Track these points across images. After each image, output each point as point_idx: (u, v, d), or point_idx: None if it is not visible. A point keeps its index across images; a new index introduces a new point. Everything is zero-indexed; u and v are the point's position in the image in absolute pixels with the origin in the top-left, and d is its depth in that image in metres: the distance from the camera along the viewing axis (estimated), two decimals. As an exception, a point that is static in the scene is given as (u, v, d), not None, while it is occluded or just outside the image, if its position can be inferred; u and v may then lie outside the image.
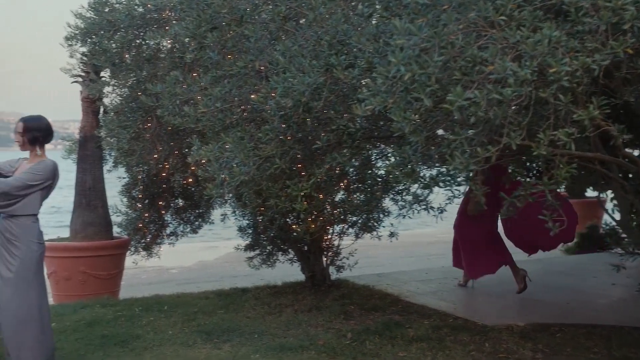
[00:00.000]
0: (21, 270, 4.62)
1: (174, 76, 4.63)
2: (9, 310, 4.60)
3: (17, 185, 4.55)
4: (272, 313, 6.78)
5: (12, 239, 4.62)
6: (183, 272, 10.50)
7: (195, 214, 8.77)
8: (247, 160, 4.05)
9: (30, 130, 4.73)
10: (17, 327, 4.60)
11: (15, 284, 4.60)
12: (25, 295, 4.63)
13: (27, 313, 4.64)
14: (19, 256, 4.62)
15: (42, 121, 4.81)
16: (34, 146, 4.75)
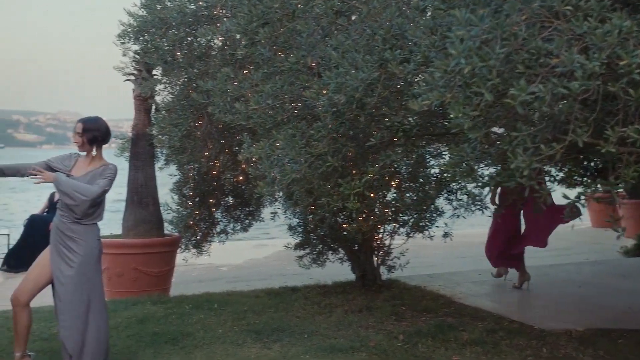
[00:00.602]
0: (82, 267, 4.65)
1: (225, 73, 4.57)
2: (70, 306, 4.63)
3: (100, 192, 4.64)
4: (322, 313, 6.70)
5: (74, 237, 4.65)
6: (233, 270, 10.51)
7: (246, 212, 8.76)
8: (299, 158, 3.96)
9: (89, 131, 4.76)
10: (77, 324, 4.63)
11: (75, 280, 4.63)
12: (84, 291, 4.66)
13: (87, 310, 4.66)
14: (80, 253, 4.65)
15: (100, 122, 4.84)
16: (92, 146, 4.78)
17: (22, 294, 4.73)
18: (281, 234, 18.17)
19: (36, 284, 4.74)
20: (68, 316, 4.65)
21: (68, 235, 4.66)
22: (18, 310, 4.74)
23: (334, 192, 4.35)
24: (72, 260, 4.65)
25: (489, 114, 3.20)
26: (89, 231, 4.70)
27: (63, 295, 4.66)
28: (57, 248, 4.70)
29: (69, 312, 4.64)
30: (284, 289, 7.91)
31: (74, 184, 4.60)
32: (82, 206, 4.60)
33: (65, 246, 4.66)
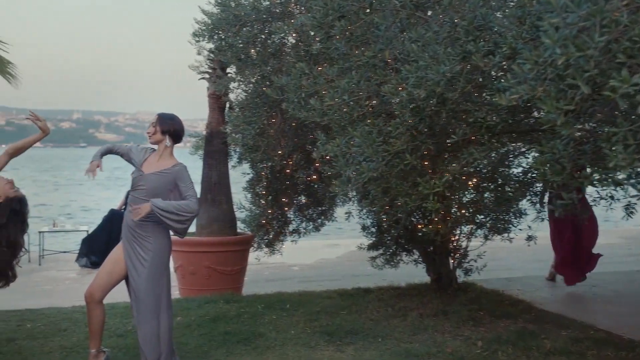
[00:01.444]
0: (154, 263, 4.64)
1: (300, 68, 4.46)
2: (145, 304, 4.63)
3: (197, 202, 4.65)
4: (396, 316, 6.52)
5: (145, 235, 4.65)
6: (304, 269, 10.43)
7: (318, 211, 8.65)
8: (376, 155, 3.81)
9: (164, 123, 4.75)
10: (152, 321, 4.62)
11: (148, 276, 4.63)
12: (157, 289, 4.65)
13: (157, 305, 4.65)
14: (152, 250, 4.64)
15: (175, 118, 4.84)
16: (164, 136, 4.76)
17: (96, 291, 4.75)
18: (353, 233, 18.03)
19: (109, 281, 4.76)
20: (143, 313, 4.64)
21: (139, 233, 4.66)
22: (92, 307, 4.77)
23: (412, 192, 4.17)
24: (145, 259, 4.64)
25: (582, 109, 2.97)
26: (159, 229, 4.68)
27: (137, 292, 4.66)
28: (130, 245, 4.70)
29: (143, 309, 4.64)
30: (357, 290, 7.76)
31: (174, 204, 4.57)
32: (190, 222, 4.63)
33: (137, 244, 4.66)
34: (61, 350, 5.37)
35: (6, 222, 4.29)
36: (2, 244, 4.30)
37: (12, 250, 4.36)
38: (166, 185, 4.68)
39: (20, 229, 4.38)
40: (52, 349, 5.42)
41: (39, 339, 5.67)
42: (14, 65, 7.60)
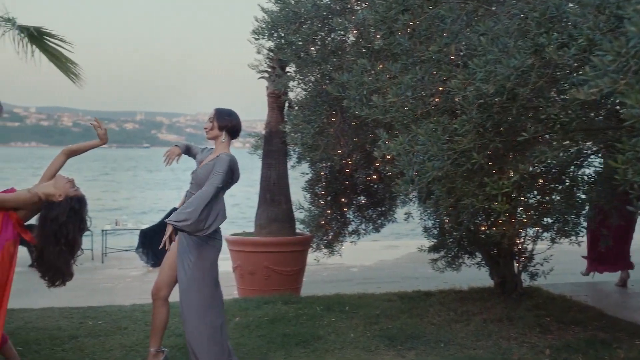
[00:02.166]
0: (197, 263, 4.58)
1: (362, 65, 4.33)
2: (190, 305, 4.57)
3: (212, 191, 4.49)
4: (459, 321, 6.31)
5: (189, 236, 4.59)
6: (363, 271, 10.29)
7: (378, 212, 8.50)
8: (441, 154, 3.65)
9: (221, 118, 4.70)
10: (198, 323, 4.56)
11: (191, 277, 4.57)
12: (202, 289, 4.58)
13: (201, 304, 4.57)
14: (197, 250, 4.59)
15: (233, 114, 4.78)
16: (221, 132, 4.70)
17: (162, 287, 4.74)
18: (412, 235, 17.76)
19: (172, 276, 4.74)
20: (187, 312, 4.58)
21: (187, 236, 4.61)
22: (158, 305, 4.76)
23: (478, 192, 3.99)
24: (190, 259, 4.59)
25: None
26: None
27: (182, 293, 4.61)
28: (180, 245, 4.67)
29: (186, 308, 4.58)
30: (418, 293, 7.58)
31: (190, 203, 4.46)
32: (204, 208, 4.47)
33: (186, 243, 4.62)
34: (121, 349, 5.39)
35: (65, 221, 4.30)
36: (60, 243, 4.32)
37: (70, 249, 4.37)
38: (208, 175, 4.58)
39: (78, 228, 4.39)
40: (113, 347, 5.44)
41: (100, 337, 5.70)
42: (78, 66, 7.71)
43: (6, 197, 4.22)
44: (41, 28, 7.51)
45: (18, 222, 4.23)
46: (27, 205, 4.25)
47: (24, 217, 4.31)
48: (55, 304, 6.86)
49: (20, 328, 5.88)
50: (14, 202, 4.22)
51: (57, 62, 7.54)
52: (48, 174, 4.50)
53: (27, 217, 4.33)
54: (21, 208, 4.25)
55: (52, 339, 5.57)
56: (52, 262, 4.35)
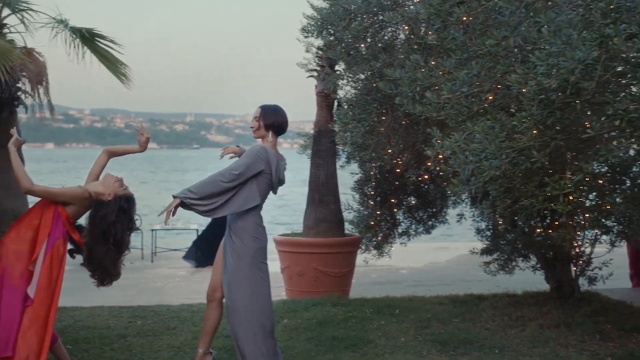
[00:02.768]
0: (237, 265, 4.49)
1: (415, 60, 4.19)
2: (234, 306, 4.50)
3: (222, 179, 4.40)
4: (513, 326, 6.09)
5: (234, 235, 4.52)
6: (413, 273, 10.11)
7: (429, 213, 8.32)
8: (499, 152, 3.48)
9: (267, 116, 4.61)
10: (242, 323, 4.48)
11: (231, 279, 4.49)
12: (245, 290, 4.49)
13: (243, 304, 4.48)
14: (236, 251, 4.51)
15: (279, 111, 4.68)
16: (268, 132, 4.62)
17: (217, 288, 4.67)
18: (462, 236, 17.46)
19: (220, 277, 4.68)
20: (233, 315, 4.51)
21: (231, 232, 4.54)
22: (212, 307, 4.70)
23: (538, 193, 3.80)
24: (230, 261, 4.52)
25: None
26: (244, 226, 4.51)
27: (226, 294, 4.53)
28: (223, 245, 4.60)
29: (234, 311, 4.50)
30: (470, 297, 7.37)
31: (204, 182, 4.39)
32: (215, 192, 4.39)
33: (229, 243, 4.55)
34: (169, 349, 5.35)
35: (114, 220, 4.28)
36: (109, 242, 4.29)
37: (118, 248, 4.35)
38: None
39: (127, 227, 4.36)
40: (161, 347, 5.41)
41: (149, 337, 5.68)
42: (127, 67, 7.74)
43: (57, 191, 4.22)
44: (92, 29, 7.56)
45: (68, 220, 4.22)
46: (77, 200, 4.24)
47: (74, 215, 4.30)
48: (105, 303, 6.89)
49: (70, 326, 5.91)
50: (64, 196, 4.22)
51: (108, 63, 7.58)
52: (93, 174, 4.50)
53: (77, 215, 4.32)
54: (71, 203, 4.24)
55: (101, 338, 5.57)
56: (100, 261, 4.34)
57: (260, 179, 4.49)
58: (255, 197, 4.50)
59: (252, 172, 4.44)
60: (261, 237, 4.60)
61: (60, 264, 4.17)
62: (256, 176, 4.47)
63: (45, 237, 4.14)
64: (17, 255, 4.08)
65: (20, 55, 6.77)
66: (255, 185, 4.50)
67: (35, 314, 4.05)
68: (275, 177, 4.54)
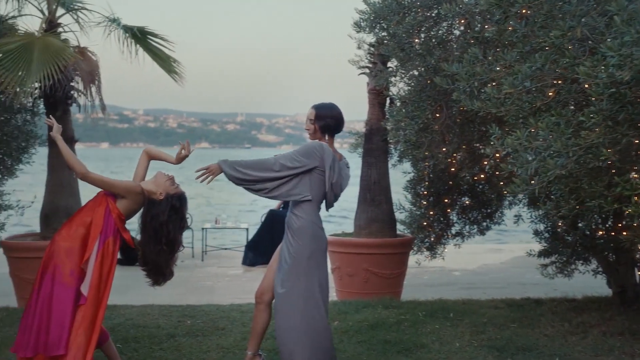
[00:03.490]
0: (293, 266, 4.37)
1: (473, 54, 4.00)
2: (283, 307, 4.38)
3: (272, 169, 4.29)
4: (574, 333, 5.83)
5: (292, 235, 4.41)
6: (466, 275, 9.85)
7: (483, 213, 8.07)
8: (565, 150, 3.27)
9: (322, 118, 4.47)
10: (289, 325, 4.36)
11: (284, 278, 4.38)
12: (297, 292, 4.37)
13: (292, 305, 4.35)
14: (293, 253, 4.39)
15: (333, 109, 4.53)
16: (324, 135, 4.50)
17: (267, 290, 4.56)
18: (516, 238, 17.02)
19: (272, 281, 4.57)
20: (282, 317, 4.39)
21: (289, 231, 4.43)
22: (261, 309, 4.59)
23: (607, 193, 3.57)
24: (287, 260, 4.40)
25: None
26: (301, 225, 4.39)
27: (277, 295, 4.42)
28: (282, 244, 4.49)
29: (282, 312, 4.38)
30: (527, 301, 7.11)
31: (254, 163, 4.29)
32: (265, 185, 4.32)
33: (285, 243, 4.44)
34: (218, 350, 5.28)
35: (166, 220, 4.21)
36: (161, 242, 4.23)
37: (171, 248, 4.28)
38: None
39: (179, 226, 4.29)
40: (210, 347, 5.34)
41: (198, 337, 5.62)
42: (180, 64, 7.74)
43: (111, 181, 4.17)
44: (144, 28, 7.59)
45: (119, 217, 4.17)
46: (129, 193, 4.17)
47: (126, 213, 4.23)
48: (156, 301, 6.88)
49: (120, 325, 5.90)
50: (118, 187, 4.16)
51: (160, 61, 7.60)
52: (138, 175, 4.44)
53: (128, 212, 4.25)
54: (123, 196, 4.17)
55: (151, 337, 5.53)
56: (154, 261, 4.29)
57: (313, 175, 4.37)
58: (304, 191, 4.38)
59: (304, 168, 4.33)
60: (320, 237, 4.48)
61: (111, 262, 4.12)
62: (309, 172, 4.36)
63: (97, 235, 4.10)
64: (67, 253, 4.05)
65: (73, 54, 6.82)
66: (308, 180, 4.38)
67: (85, 312, 4.02)
68: (330, 176, 4.39)
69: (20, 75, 6.42)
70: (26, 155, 7.42)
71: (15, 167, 7.42)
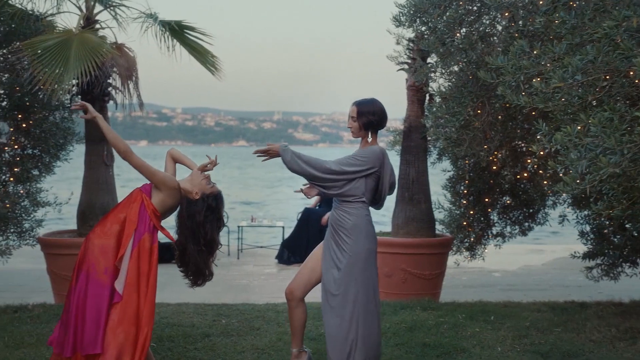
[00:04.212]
0: (348, 266, 4.25)
1: (519, 46, 3.82)
2: (335, 310, 4.26)
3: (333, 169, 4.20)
4: (622, 338, 5.60)
5: (345, 233, 4.28)
6: (506, 276, 9.61)
7: (525, 213, 7.85)
8: (619, 147, 3.08)
9: (364, 114, 4.35)
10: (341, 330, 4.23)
11: (339, 279, 4.26)
12: (351, 295, 4.25)
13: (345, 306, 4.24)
14: (348, 252, 4.26)
15: (376, 104, 4.40)
16: (367, 132, 4.38)
17: (297, 288, 4.47)
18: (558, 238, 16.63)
19: (309, 279, 4.46)
20: (332, 320, 4.27)
21: (339, 230, 4.30)
22: (293, 305, 4.49)
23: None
24: (339, 260, 4.27)
25: None
26: (360, 229, 4.27)
27: (327, 297, 4.30)
28: (329, 244, 4.36)
29: (333, 316, 4.27)
30: (571, 304, 6.88)
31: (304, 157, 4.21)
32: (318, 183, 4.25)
33: (335, 241, 4.31)
34: (253, 351, 5.19)
35: (203, 220, 4.12)
36: (200, 242, 4.14)
37: (209, 248, 4.19)
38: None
39: (216, 226, 4.20)
40: (245, 348, 5.25)
41: (233, 337, 5.54)
42: (217, 59, 7.67)
43: (155, 170, 4.07)
44: (181, 22, 7.54)
45: (154, 213, 4.08)
46: (166, 186, 4.07)
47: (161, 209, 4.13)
48: (191, 300, 6.82)
49: (155, 323, 5.79)
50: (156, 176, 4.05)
51: (197, 54, 7.55)
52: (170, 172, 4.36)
53: (163, 208, 4.15)
54: (160, 188, 4.08)
55: (185, 337, 5.47)
56: (193, 262, 4.21)
57: (369, 177, 4.32)
58: (359, 191, 4.30)
59: (365, 173, 4.29)
60: (374, 236, 4.39)
61: (149, 259, 4.03)
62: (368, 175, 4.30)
63: (131, 232, 4.02)
64: (102, 250, 3.98)
65: (111, 50, 6.80)
66: (364, 181, 4.31)
67: (124, 311, 3.94)
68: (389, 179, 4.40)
69: (58, 72, 6.42)
70: (64, 152, 7.43)
71: (53, 164, 7.43)
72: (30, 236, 7.15)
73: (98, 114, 4.14)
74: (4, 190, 6.88)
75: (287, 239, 10.48)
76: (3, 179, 6.97)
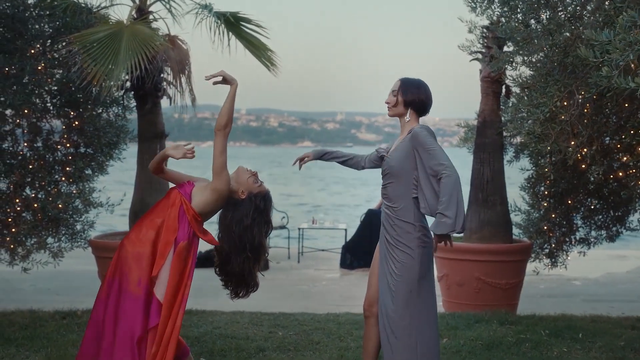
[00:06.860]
0: (403, 279, 3.72)
1: (629, 17, 3.19)
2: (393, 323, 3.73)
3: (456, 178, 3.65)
4: None
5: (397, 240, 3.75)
6: (588, 285, 8.83)
7: (612, 217, 7.09)
8: None
9: (407, 91, 3.85)
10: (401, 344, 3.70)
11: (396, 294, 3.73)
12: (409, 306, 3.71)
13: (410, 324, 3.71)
14: (400, 262, 3.73)
15: (422, 86, 3.91)
16: (406, 109, 3.86)
17: (373, 304, 3.94)
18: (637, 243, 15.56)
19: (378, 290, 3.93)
20: (391, 334, 3.73)
21: (390, 237, 3.77)
22: (370, 323, 3.97)
23: None
24: (394, 271, 3.73)
25: None
26: (412, 236, 3.73)
27: (384, 307, 3.77)
28: (383, 250, 3.84)
29: (392, 329, 3.73)
30: (669, 320, 6.13)
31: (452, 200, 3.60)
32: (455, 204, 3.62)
33: (388, 251, 3.78)
34: (311, 368, 4.69)
35: (250, 224, 3.65)
36: (246, 249, 3.67)
37: (256, 255, 3.71)
38: (405, 160, 3.77)
39: (264, 230, 3.72)
40: (302, 365, 4.76)
41: (290, 352, 5.05)
42: (274, 53, 7.24)
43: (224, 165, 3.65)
44: (237, 13, 7.13)
45: (195, 219, 3.63)
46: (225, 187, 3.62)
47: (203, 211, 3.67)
48: (247, 307, 6.36)
49: (207, 334, 5.41)
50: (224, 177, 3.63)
51: (253, 48, 7.13)
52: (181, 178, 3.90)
53: (205, 212, 3.70)
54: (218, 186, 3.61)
55: (239, 351, 5.01)
56: (236, 270, 3.74)
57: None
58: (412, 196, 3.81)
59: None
60: (429, 241, 3.81)
61: (185, 268, 3.58)
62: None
63: (172, 240, 3.57)
64: (135, 258, 3.54)
65: (163, 41, 6.43)
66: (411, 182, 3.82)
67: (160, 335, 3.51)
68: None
69: (107, 67, 6.07)
70: (117, 151, 7.10)
71: (106, 163, 7.12)
72: (82, 238, 6.85)
73: (236, 81, 3.72)
74: (56, 190, 6.59)
75: (348, 242, 9.97)
76: (55, 178, 6.69)
